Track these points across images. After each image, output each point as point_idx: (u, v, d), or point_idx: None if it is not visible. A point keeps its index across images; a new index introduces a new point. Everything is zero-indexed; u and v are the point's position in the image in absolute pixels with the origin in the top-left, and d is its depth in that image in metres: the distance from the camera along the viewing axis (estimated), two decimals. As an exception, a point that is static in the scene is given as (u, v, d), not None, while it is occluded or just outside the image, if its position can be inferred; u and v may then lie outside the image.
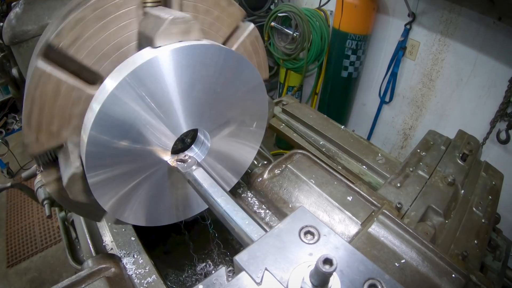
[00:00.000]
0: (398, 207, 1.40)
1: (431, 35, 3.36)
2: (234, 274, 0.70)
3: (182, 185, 1.18)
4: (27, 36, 1.33)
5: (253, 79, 1.14)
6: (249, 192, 1.53)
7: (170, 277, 1.59)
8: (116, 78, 0.88)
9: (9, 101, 5.42)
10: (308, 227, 0.73)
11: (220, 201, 0.94)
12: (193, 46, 0.93)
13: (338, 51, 3.86)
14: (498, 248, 1.66)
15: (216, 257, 1.62)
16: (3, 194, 4.44)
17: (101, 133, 0.88)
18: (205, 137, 1.18)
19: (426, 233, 1.30)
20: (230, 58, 1.03)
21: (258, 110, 1.25)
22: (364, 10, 3.52)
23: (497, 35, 2.86)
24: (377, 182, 1.65)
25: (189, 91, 0.99)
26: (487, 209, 1.56)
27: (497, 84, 3.00)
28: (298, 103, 2.16)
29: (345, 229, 1.30)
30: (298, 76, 4.42)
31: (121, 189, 1.02)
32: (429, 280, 1.14)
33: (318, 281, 0.62)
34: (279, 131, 1.96)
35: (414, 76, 3.68)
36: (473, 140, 1.87)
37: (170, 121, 1.00)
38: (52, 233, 3.94)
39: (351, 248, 0.70)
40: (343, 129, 1.93)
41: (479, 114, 3.21)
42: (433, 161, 1.69)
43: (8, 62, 2.44)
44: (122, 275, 1.15)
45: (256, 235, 0.84)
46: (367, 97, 4.31)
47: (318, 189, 1.43)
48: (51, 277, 3.45)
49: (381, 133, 4.33)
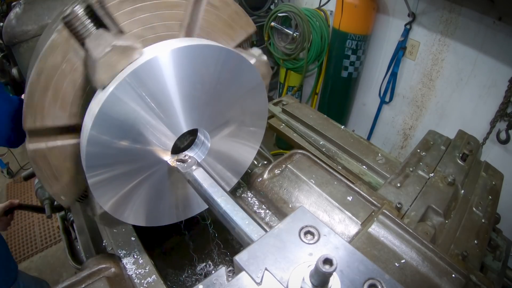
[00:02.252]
0: (398, 207, 1.40)
1: (431, 35, 3.36)
2: (234, 274, 0.70)
3: (182, 185, 1.18)
4: (27, 36, 1.33)
5: (253, 79, 1.14)
6: (249, 192, 1.53)
7: (170, 277, 1.59)
8: (116, 78, 0.88)
9: (9, 101, 5.42)
10: (308, 227, 0.73)
11: (220, 201, 0.94)
12: (193, 46, 0.93)
13: (338, 51, 3.86)
14: (498, 248, 1.66)
15: (216, 257, 1.62)
16: (3, 195, 4.44)
17: (101, 133, 0.88)
18: (205, 137, 1.18)
19: (426, 233, 1.30)
20: (230, 58, 1.03)
21: (258, 110, 1.25)
22: (364, 10, 3.52)
23: (497, 35, 2.86)
24: (377, 182, 1.65)
25: (189, 91, 0.99)
26: (487, 209, 1.56)
27: (497, 84, 3.00)
28: (298, 103, 2.16)
29: (345, 229, 1.30)
30: (298, 76, 4.42)
31: (121, 189, 1.02)
32: (429, 280, 1.14)
33: (318, 281, 0.62)
34: (279, 131, 1.96)
35: (414, 76, 3.68)
36: (473, 140, 1.87)
37: (170, 121, 1.00)
38: (52, 233, 3.94)
39: (351, 248, 0.70)
40: (343, 129, 1.93)
41: (479, 114, 3.20)
42: (433, 161, 1.69)
43: (8, 62, 2.45)
44: (122, 275, 1.15)
45: (256, 235, 0.84)
46: (367, 97, 4.31)
47: (318, 189, 1.43)
48: (51, 277, 3.45)
49: (381, 133, 4.33)
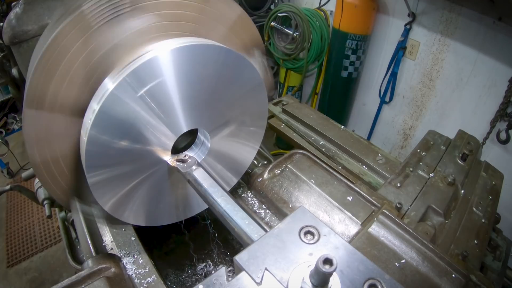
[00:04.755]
0: (398, 207, 1.40)
1: (431, 35, 3.36)
2: (234, 274, 0.70)
3: (182, 185, 1.18)
4: (27, 36, 1.34)
5: (253, 79, 1.14)
6: (249, 192, 1.53)
7: (170, 277, 1.59)
8: (116, 77, 0.88)
9: (9, 101, 5.41)
10: (308, 227, 0.73)
11: (220, 201, 0.94)
12: (193, 46, 0.93)
13: (338, 51, 3.85)
14: (498, 248, 1.66)
15: (216, 257, 1.62)
16: (3, 195, 4.44)
17: (101, 133, 0.88)
18: (205, 137, 1.18)
19: (426, 233, 1.30)
20: (230, 57, 1.02)
21: (258, 110, 1.25)
22: (364, 10, 3.52)
23: (497, 35, 2.86)
24: (377, 182, 1.65)
25: (189, 91, 0.98)
26: (487, 209, 1.56)
27: (497, 84, 3.00)
28: (298, 103, 2.16)
29: (345, 229, 1.30)
30: (298, 76, 4.42)
31: (121, 189, 1.02)
32: (429, 280, 1.13)
33: (318, 281, 0.62)
34: (279, 131, 1.96)
35: (414, 76, 3.67)
36: (473, 140, 1.87)
37: (170, 121, 1.00)
38: (52, 233, 3.94)
39: (351, 248, 0.70)
40: (343, 129, 1.93)
41: (479, 114, 3.20)
42: (433, 161, 1.68)
43: (8, 62, 2.44)
44: (122, 275, 1.14)
45: (256, 235, 0.84)
46: (367, 97, 4.31)
47: (318, 189, 1.43)
48: (51, 277, 3.45)
49: (381, 133, 4.33)
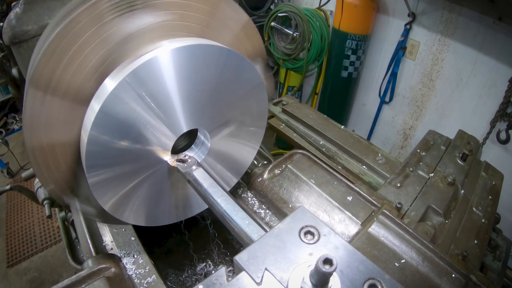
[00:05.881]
0: (398, 207, 1.40)
1: (431, 35, 3.36)
2: (234, 274, 0.70)
3: (182, 185, 1.18)
4: (27, 36, 1.34)
5: (253, 79, 1.14)
6: (249, 192, 1.53)
7: (170, 277, 1.59)
8: (116, 78, 0.88)
9: (9, 101, 5.41)
10: (308, 227, 0.73)
11: (220, 201, 0.94)
12: (193, 46, 0.93)
13: (338, 51, 3.85)
14: (498, 248, 1.66)
15: (216, 257, 1.62)
16: (3, 195, 4.44)
17: (101, 133, 0.88)
18: (205, 137, 1.18)
19: (426, 233, 1.30)
20: (230, 58, 1.03)
21: (258, 110, 1.25)
22: (364, 10, 3.52)
23: (497, 35, 2.86)
24: (377, 182, 1.65)
25: (189, 91, 0.98)
26: (487, 209, 1.56)
27: (497, 84, 3.00)
28: (298, 103, 2.16)
29: (345, 229, 1.30)
30: (298, 76, 4.42)
31: (121, 189, 1.02)
32: (429, 280, 1.13)
33: (318, 281, 0.62)
34: (279, 131, 1.96)
35: (414, 76, 3.67)
36: (473, 140, 1.87)
37: (170, 121, 1.00)
38: (52, 233, 3.94)
39: (351, 248, 0.70)
40: (343, 129, 1.93)
41: (479, 114, 3.20)
42: (433, 161, 1.68)
43: (8, 62, 2.45)
44: (122, 275, 1.15)
45: (256, 235, 0.84)
46: (367, 97, 4.31)
47: (318, 189, 1.43)
48: (51, 277, 3.45)
49: (381, 133, 4.33)
